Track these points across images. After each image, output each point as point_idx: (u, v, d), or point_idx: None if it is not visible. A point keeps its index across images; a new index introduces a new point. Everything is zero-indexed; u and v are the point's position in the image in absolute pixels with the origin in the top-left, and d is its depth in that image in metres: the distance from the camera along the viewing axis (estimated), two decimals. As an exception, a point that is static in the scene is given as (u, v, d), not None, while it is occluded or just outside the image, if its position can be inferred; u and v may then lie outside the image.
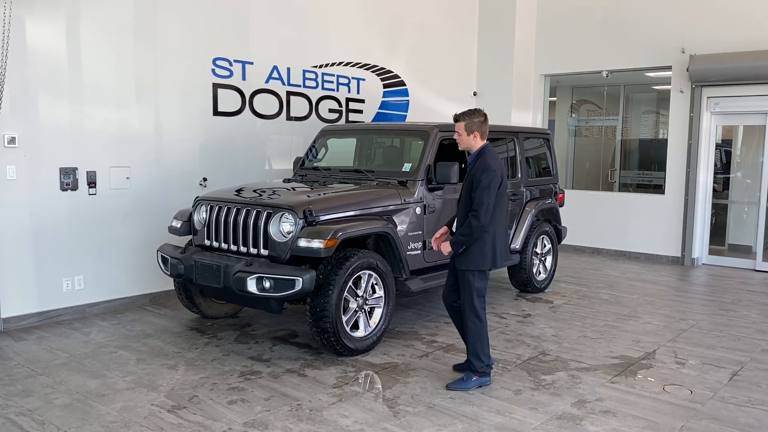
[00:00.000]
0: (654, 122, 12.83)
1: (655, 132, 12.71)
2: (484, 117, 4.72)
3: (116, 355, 5.34)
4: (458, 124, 4.71)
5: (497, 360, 5.37)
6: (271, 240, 5.33)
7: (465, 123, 4.67)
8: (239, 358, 5.32)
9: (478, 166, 4.59)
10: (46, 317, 6.21)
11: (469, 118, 4.68)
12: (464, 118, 4.68)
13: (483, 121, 4.70)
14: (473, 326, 4.72)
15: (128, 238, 6.81)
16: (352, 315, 5.37)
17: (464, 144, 4.74)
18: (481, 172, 4.53)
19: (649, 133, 12.89)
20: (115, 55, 6.53)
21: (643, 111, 12.99)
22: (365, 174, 6.44)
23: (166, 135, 7.03)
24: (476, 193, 4.50)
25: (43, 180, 6.12)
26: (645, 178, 12.34)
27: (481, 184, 4.50)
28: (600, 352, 5.64)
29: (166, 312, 6.71)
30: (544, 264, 8.01)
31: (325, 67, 8.68)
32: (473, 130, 4.67)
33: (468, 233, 4.54)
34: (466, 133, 4.68)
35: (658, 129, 12.60)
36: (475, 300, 4.67)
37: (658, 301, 7.61)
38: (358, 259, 5.30)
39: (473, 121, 4.67)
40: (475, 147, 4.71)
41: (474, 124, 4.67)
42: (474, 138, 4.68)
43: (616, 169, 12.48)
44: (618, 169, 12.47)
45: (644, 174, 12.36)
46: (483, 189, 4.50)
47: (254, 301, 5.40)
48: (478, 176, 4.53)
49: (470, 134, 4.68)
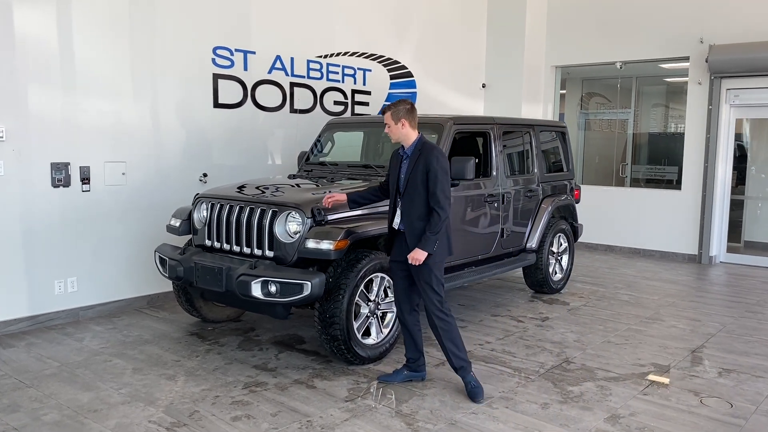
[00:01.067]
0: (668, 115, 12.44)
1: (669, 125, 12.33)
2: (410, 105, 4.56)
3: (111, 364, 4.98)
4: (385, 115, 4.54)
5: (518, 369, 5.03)
6: (276, 240, 4.97)
7: (391, 112, 4.50)
8: (243, 367, 4.96)
9: (425, 156, 4.38)
10: (36, 322, 5.85)
11: (395, 106, 4.53)
12: (390, 108, 4.54)
13: (410, 109, 4.52)
14: (444, 325, 4.47)
15: (124, 237, 6.44)
16: (364, 321, 5.02)
17: (395, 135, 4.53)
18: (434, 160, 4.35)
19: (662, 126, 12.51)
20: (110, 43, 6.15)
21: (656, 104, 12.61)
22: (375, 169, 6.08)
23: (164, 128, 6.66)
24: (434, 184, 4.32)
25: (33, 176, 5.74)
26: (657, 172, 11.97)
27: (438, 174, 4.32)
28: (627, 360, 5.30)
29: (164, 315, 6.35)
30: (560, 263, 7.65)
31: (330, 57, 8.30)
32: (399, 117, 4.46)
33: (438, 228, 4.33)
34: (393, 121, 4.48)
35: (671, 122, 12.22)
36: (440, 295, 4.45)
37: (680, 302, 7.26)
38: (370, 261, 4.94)
39: (398, 108, 4.50)
40: (409, 138, 4.50)
41: (400, 111, 4.47)
42: (402, 126, 4.47)
43: (628, 164, 12.11)
44: (629, 163, 12.10)
45: (656, 168, 12.00)
46: (441, 177, 4.34)
47: (259, 307, 5.03)
48: (432, 165, 4.33)
49: (397, 122, 4.46)
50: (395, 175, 4.57)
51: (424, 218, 4.38)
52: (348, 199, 4.91)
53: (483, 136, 6.53)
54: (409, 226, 4.43)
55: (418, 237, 4.39)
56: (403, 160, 4.53)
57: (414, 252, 4.33)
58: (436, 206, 4.32)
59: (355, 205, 4.99)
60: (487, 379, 4.79)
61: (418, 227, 4.39)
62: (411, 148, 4.48)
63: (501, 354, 5.38)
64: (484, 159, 6.48)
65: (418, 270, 4.43)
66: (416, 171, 4.38)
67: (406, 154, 4.50)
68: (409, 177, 4.42)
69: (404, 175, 4.47)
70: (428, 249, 4.32)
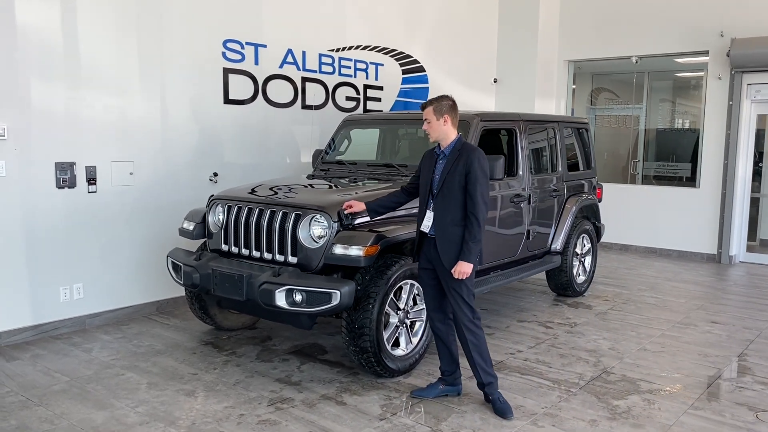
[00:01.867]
0: (681, 112, 12.18)
1: (682, 122, 12.07)
2: (454, 101, 4.25)
3: (124, 378, 4.66)
4: (426, 110, 4.21)
5: (557, 381, 4.74)
6: (300, 246, 4.66)
7: (434, 107, 4.17)
8: (265, 380, 4.65)
9: (466, 157, 4.07)
10: (41, 331, 5.52)
11: (438, 101, 4.20)
12: (432, 102, 4.20)
13: (453, 106, 4.21)
14: (474, 338, 4.19)
15: (132, 241, 6.11)
16: (393, 331, 4.71)
17: (435, 132, 4.19)
18: (476, 161, 4.04)
19: (674, 123, 12.24)
20: (117, 36, 5.81)
21: (668, 100, 12.34)
22: (397, 169, 5.77)
23: (173, 125, 6.32)
24: (474, 187, 4.02)
25: (36, 177, 5.41)
26: (670, 169, 11.71)
27: (478, 177, 4.03)
28: (668, 369, 5.02)
29: (175, 323, 6.03)
30: (584, 265, 7.38)
31: (342, 51, 7.97)
32: (443, 113, 4.15)
33: (478, 236, 4.04)
34: (435, 117, 4.15)
35: (685, 119, 11.95)
36: (472, 306, 4.17)
37: (709, 305, 7.00)
38: (401, 267, 4.63)
39: (442, 103, 4.18)
40: (449, 136, 4.18)
41: (443, 107, 4.16)
42: (444, 123, 4.16)
43: (639, 161, 11.84)
44: (641, 160, 11.84)
45: (669, 165, 11.73)
46: (482, 181, 4.04)
47: (282, 316, 4.72)
48: (473, 167, 4.03)
49: (440, 118, 4.15)
50: (428, 175, 4.27)
51: (459, 223, 4.09)
52: (367, 209, 4.59)
53: (509, 133, 6.24)
54: (442, 231, 4.13)
55: (449, 243, 4.09)
56: (438, 160, 4.23)
57: (458, 265, 4.03)
58: (474, 211, 4.03)
59: (376, 215, 4.66)
60: (527, 393, 4.50)
61: (450, 233, 4.10)
62: (449, 147, 4.18)
63: (535, 364, 5.10)
64: (509, 157, 6.18)
65: (449, 279, 4.14)
66: (454, 172, 4.09)
67: (443, 154, 4.20)
68: (446, 178, 4.12)
69: (439, 176, 4.18)
70: (472, 260, 4.03)
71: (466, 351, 4.26)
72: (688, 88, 11.48)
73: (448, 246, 4.09)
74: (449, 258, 4.08)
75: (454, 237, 4.08)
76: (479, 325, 4.23)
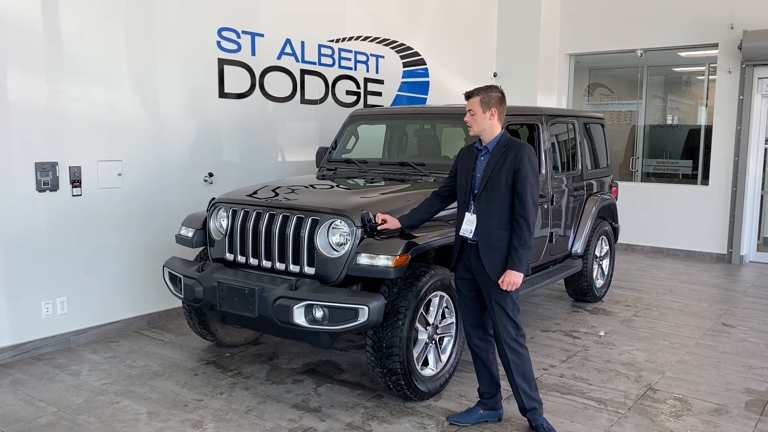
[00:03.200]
0: (681, 107, 11.88)
1: (682, 117, 11.77)
2: (502, 93, 3.77)
3: (119, 407, 4.10)
4: (472, 100, 3.71)
5: (601, 400, 4.31)
6: (318, 255, 4.16)
7: (481, 97, 3.68)
8: (280, 407, 4.14)
9: (513, 153, 3.62)
10: (21, 351, 4.94)
11: (486, 91, 3.71)
12: (480, 92, 3.70)
13: (502, 98, 3.74)
14: (517, 358, 3.75)
15: (120, 248, 5.54)
16: (423, 349, 4.23)
17: (479, 126, 3.70)
18: (525, 158, 3.60)
19: (674, 118, 11.93)
20: (104, 21, 5.23)
21: (668, 95, 12.03)
22: (414, 168, 5.29)
23: (165, 121, 5.76)
24: (523, 187, 3.58)
25: (14, 178, 4.82)
26: (670, 166, 11.40)
27: (528, 176, 3.59)
28: (715, 385, 4.62)
29: (170, 339, 5.48)
30: (602, 268, 6.98)
31: (342, 41, 7.46)
32: (491, 105, 3.67)
33: (529, 242, 3.59)
34: (482, 109, 3.67)
35: (685, 114, 11.65)
36: (516, 322, 3.73)
37: (735, 309, 6.64)
38: (431, 277, 4.15)
39: (491, 94, 3.70)
40: (494, 131, 3.71)
41: (492, 99, 3.69)
42: (491, 117, 3.68)
43: (638, 158, 11.52)
44: (640, 157, 11.51)
45: (669, 162, 11.42)
46: (532, 180, 3.61)
47: (299, 335, 4.20)
48: (522, 165, 3.58)
49: (487, 110, 3.67)
50: (467, 174, 3.80)
51: (505, 227, 3.63)
52: (402, 225, 4.10)
53: (530, 129, 5.79)
54: (485, 236, 3.67)
55: (495, 250, 3.64)
56: (479, 157, 3.76)
57: (507, 275, 3.57)
58: (524, 213, 3.58)
59: (411, 230, 4.15)
60: (573, 416, 4.06)
61: (496, 238, 3.64)
62: (493, 143, 3.71)
63: (573, 381, 4.66)
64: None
65: (493, 291, 3.68)
66: (500, 170, 3.63)
67: (486, 150, 3.73)
68: (490, 176, 3.65)
69: (481, 174, 3.71)
70: (522, 269, 3.58)
71: (508, 372, 3.80)
72: (690, 83, 11.17)
73: (494, 253, 3.63)
74: (495, 267, 3.62)
75: (500, 243, 3.62)
76: (523, 343, 3.78)
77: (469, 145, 3.90)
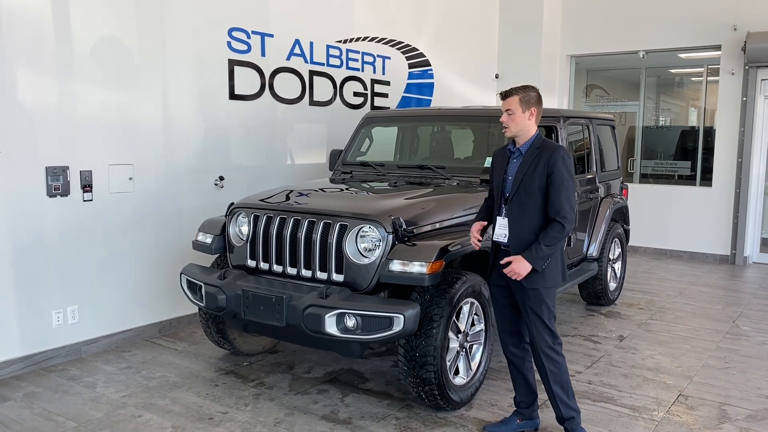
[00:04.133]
0: (679, 109, 11.90)
1: (680, 119, 11.78)
2: (539, 93, 3.66)
3: (142, 421, 3.95)
4: (510, 99, 3.56)
5: (635, 408, 4.24)
6: (347, 261, 4.04)
7: (520, 96, 3.55)
8: (309, 419, 4.01)
9: (548, 155, 3.51)
10: (32, 362, 4.76)
11: (524, 91, 3.59)
12: (518, 91, 3.57)
13: (539, 98, 3.64)
14: (554, 367, 3.64)
15: (132, 254, 5.38)
16: (454, 357, 4.13)
17: (516, 126, 3.57)
18: (560, 160, 3.48)
19: (673, 119, 11.95)
20: (114, 22, 5.07)
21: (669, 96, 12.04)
22: (434, 171, 5.19)
23: (177, 123, 5.61)
24: (558, 190, 3.46)
25: (24, 183, 4.64)
26: (668, 168, 11.40)
27: (564, 179, 3.47)
28: (746, 390, 4.57)
29: (183, 347, 5.32)
30: (614, 271, 6.92)
31: (350, 42, 7.34)
32: (530, 105, 3.57)
33: (556, 241, 3.47)
34: (521, 108, 3.54)
35: (683, 116, 11.67)
36: (552, 330, 3.62)
37: (748, 312, 6.62)
38: (463, 284, 4.05)
39: (530, 94, 3.59)
40: (529, 132, 3.60)
41: (531, 98, 3.58)
42: (530, 117, 3.58)
43: (636, 159, 11.51)
44: (638, 158, 11.50)
45: (668, 164, 11.43)
46: (567, 183, 3.48)
47: (328, 344, 4.08)
48: (557, 167, 3.47)
49: (526, 110, 3.56)
50: (499, 177, 3.71)
51: (539, 232, 3.53)
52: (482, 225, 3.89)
53: (548, 130, 5.71)
54: (517, 241, 3.57)
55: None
56: (511, 159, 3.67)
57: (515, 260, 3.47)
58: (559, 217, 3.47)
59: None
60: (609, 425, 3.98)
61: (528, 243, 3.54)
62: (527, 144, 3.61)
63: (602, 387, 4.58)
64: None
65: (526, 298, 3.58)
66: (533, 173, 3.52)
67: (518, 152, 3.63)
68: (522, 179, 3.55)
69: (513, 177, 3.61)
70: (536, 264, 3.45)
71: (545, 381, 3.71)
72: (687, 85, 11.19)
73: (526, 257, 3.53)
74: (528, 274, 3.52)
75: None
76: (560, 351, 3.69)
77: (502, 147, 3.80)
